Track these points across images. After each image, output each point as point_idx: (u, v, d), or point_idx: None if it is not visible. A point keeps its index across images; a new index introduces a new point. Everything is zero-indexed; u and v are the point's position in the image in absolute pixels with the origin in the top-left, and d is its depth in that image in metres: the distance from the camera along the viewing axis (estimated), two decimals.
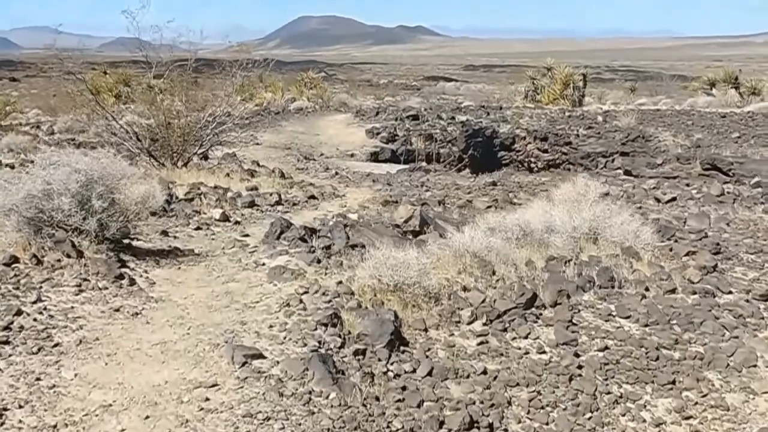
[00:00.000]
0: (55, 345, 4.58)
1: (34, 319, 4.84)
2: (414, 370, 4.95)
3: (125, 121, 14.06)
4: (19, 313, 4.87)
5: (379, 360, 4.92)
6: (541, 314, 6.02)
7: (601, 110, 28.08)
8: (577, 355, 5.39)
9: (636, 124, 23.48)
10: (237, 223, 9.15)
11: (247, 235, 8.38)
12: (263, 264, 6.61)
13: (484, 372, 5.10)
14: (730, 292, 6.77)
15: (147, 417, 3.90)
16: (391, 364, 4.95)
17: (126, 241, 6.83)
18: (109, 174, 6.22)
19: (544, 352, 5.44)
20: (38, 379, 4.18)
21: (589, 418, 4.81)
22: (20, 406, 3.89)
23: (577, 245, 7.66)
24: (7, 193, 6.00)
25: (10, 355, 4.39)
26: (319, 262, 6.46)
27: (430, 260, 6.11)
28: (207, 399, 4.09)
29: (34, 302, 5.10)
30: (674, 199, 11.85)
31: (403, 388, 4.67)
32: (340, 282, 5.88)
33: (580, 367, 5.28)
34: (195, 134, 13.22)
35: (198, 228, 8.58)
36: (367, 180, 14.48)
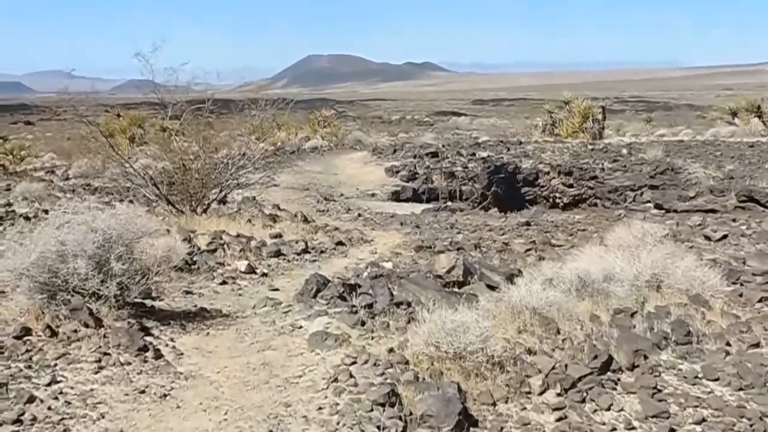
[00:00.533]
0: None
1: (49, 407, 4.17)
2: None
3: (140, 165, 13.56)
4: (31, 400, 4.20)
5: None
6: (619, 379, 5.31)
7: (624, 143, 27.46)
8: (672, 431, 4.67)
9: (663, 156, 22.84)
10: (264, 275, 8.52)
11: (276, 290, 7.74)
12: (300, 327, 5.93)
13: None
14: None
15: None
16: None
17: (148, 302, 6.19)
18: (128, 231, 5.60)
19: (633, 428, 4.72)
20: None
21: None
22: None
23: (640, 294, 6.98)
24: (18, 254, 5.39)
25: None
26: (363, 324, 5.78)
27: (491, 322, 5.41)
28: None
29: (48, 384, 4.44)
30: (725, 236, 11.12)
31: None
32: (392, 349, 5.19)
33: None
34: (215, 178, 12.68)
35: (223, 282, 7.94)
36: (394, 222, 13.84)
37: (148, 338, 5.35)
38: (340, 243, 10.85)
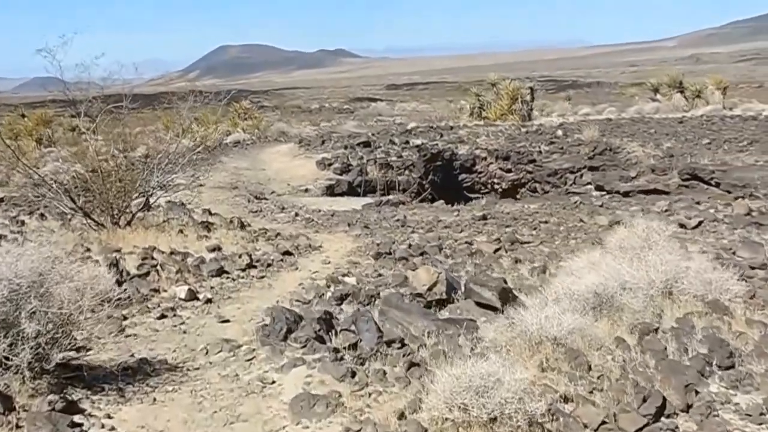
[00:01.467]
0: None
1: None
2: None
3: (50, 169, 11.96)
4: None
5: None
6: (677, 427, 4.31)
7: (555, 123, 26.89)
8: None
9: (599, 137, 22.31)
10: (208, 301, 7.23)
11: (226, 321, 6.49)
12: (273, 382, 4.71)
13: None
14: None
15: None
16: None
17: (73, 360, 4.86)
18: (43, 277, 4.27)
19: None
20: None
21: None
22: None
23: (656, 306, 6.04)
24: None
25: None
26: (353, 375, 4.60)
27: (527, 375, 4.30)
28: None
29: None
30: (701, 223, 10.38)
31: None
32: (403, 414, 4.04)
33: None
34: (138, 184, 11.21)
35: (162, 316, 6.62)
36: (339, 223, 12.63)
37: (78, 418, 4.04)
38: (287, 253, 9.61)
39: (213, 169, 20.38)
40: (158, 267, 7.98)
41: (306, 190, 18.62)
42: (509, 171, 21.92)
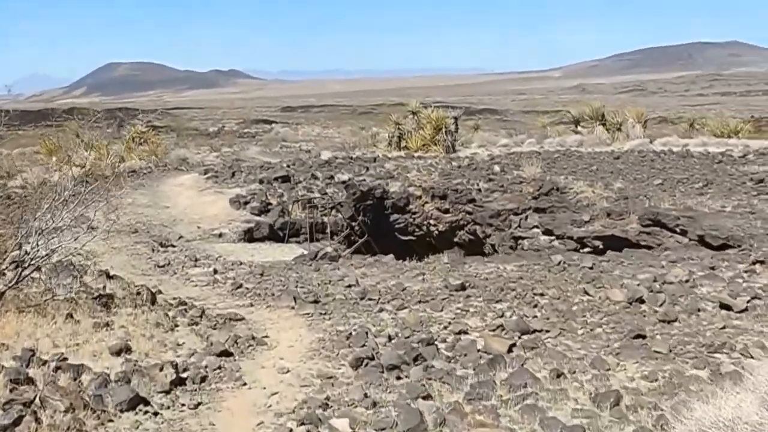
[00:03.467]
0: None
1: None
2: None
3: None
4: None
5: None
6: None
7: (486, 156, 24.92)
8: None
9: (542, 174, 20.46)
10: None
11: None
12: None
13: None
14: None
15: None
16: None
17: None
18: None
19: None
20: None
21: None
22: None
23: None
24: None
25: None
26: None
27: None
28: None
29: None
30: (746, 309, 8.23)
31: None
32: None
33: None
34: (9, 238, 8.30)
35: None
36: (278, 292, 9.90)
37: None
38: (224, 353, 6.90)
39: (106, 206, 17.14)
40: (37, 405, 5.11)
41: (220, 235, 15.73)
42: (447, 211, 19.71)
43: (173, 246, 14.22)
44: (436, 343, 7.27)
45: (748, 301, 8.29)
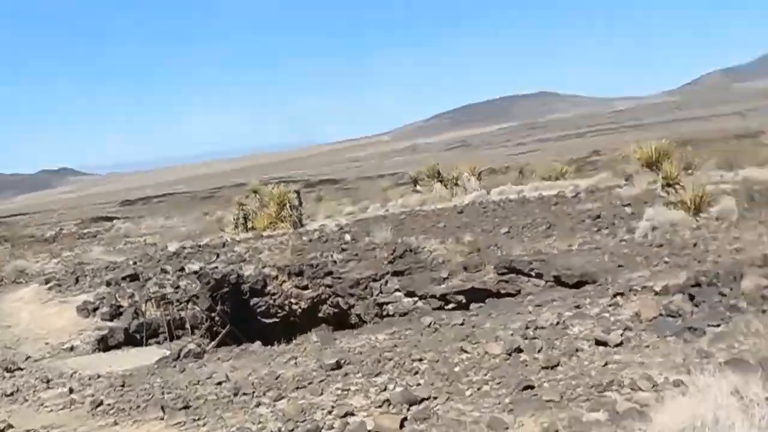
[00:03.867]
0: None
1: None
2: None
3: None
4: None
5: None
6: None
7: (334, 227, 25.10)
8: None
9: (393, 237, 20.83)
10: None
11: None
12: None
13: None
14: None
15: None
16: None
17: None
18: None
19: None
20: None
21: None
22: None
23: None
24: None
25: None
26: None
27: None
28: None
29: None
30: (621, 343, 8.63)
31: None
32: None
33: None
34: None
35: None
36: (143, 403, 9.35)
37: None
38: None
39: None
40: None
41: (71, 348, 14.74)
42: (306, 288, 19.56)
43: (20, 369, 13.15)
44: (323, 431, 7.10)
45: (621, 335, 8.69)
